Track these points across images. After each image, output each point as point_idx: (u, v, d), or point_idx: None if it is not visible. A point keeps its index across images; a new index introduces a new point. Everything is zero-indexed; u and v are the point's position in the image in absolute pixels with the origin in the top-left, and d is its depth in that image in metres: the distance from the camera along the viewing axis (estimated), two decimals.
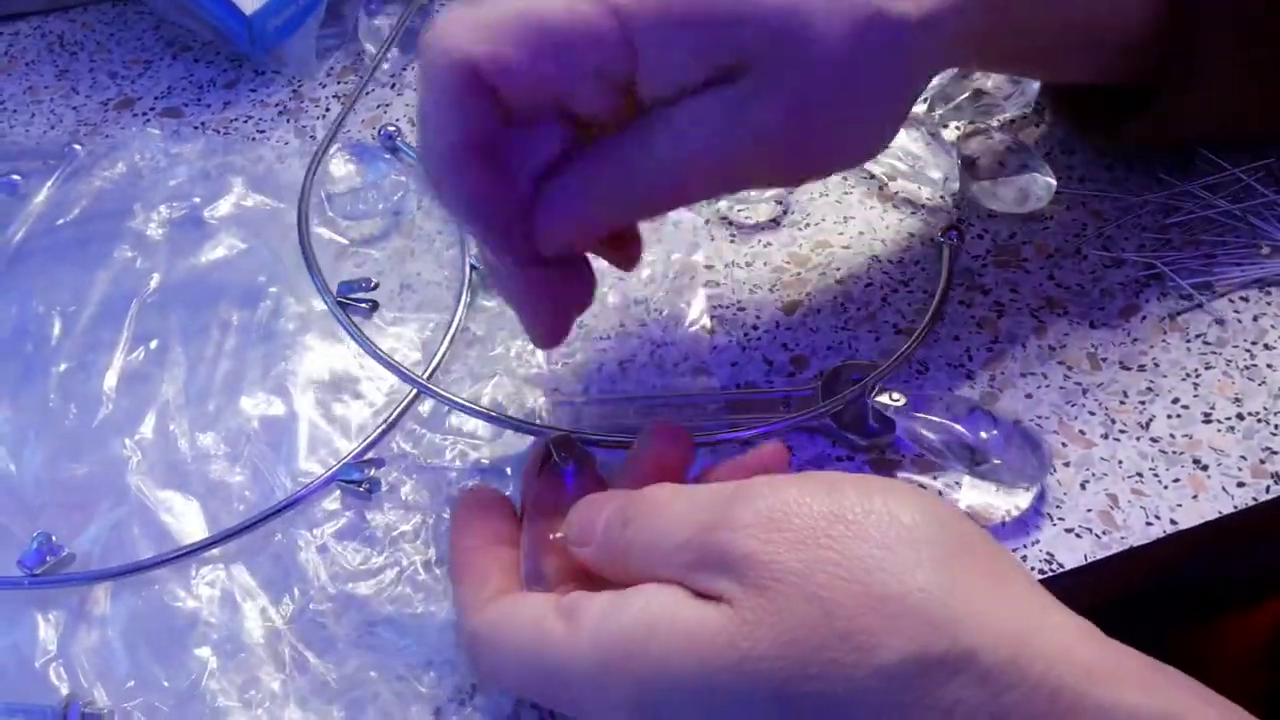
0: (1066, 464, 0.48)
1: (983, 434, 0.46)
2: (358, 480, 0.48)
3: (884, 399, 0.47)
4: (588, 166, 0.41)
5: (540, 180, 0.41)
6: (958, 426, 0.46)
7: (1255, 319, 0.52)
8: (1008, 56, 0.52)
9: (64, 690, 0.43)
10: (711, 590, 0.34)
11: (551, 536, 0.41)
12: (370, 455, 0.49)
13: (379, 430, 0.50)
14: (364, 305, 0.55)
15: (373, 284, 0.55)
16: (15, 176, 0.61)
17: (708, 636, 0.33)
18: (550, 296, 0.43)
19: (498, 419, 0.49)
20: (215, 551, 0.47)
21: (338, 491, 0.48)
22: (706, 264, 0.56)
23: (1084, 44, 0.51)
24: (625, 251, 0.47)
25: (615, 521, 0.38)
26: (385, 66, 0.68)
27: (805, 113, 0.41)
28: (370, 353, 0.51)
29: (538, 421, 0.50)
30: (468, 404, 0.50)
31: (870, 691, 0.31)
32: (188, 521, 0.48)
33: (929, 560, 0.32)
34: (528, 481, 0.45)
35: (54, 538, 0.46)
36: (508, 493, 0.46)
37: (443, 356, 0.52)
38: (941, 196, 0.58)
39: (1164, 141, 0.56)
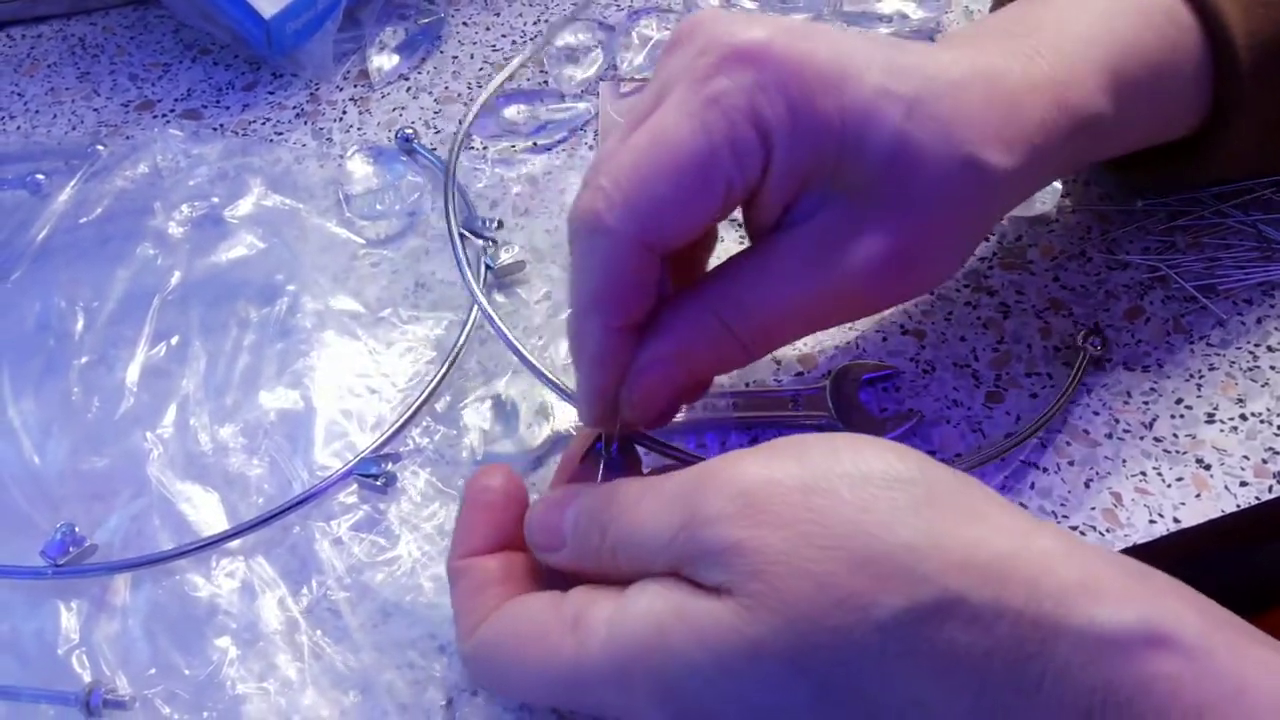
0: (1071, 463, 0.49)
1: None
2: (375, 474, 0.48)
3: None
4: (682, 318, 0.41)
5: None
6: None
7: (1259, 321, 0.53)
8: (1072, 170, 0.58)
9: (86, 678, 0.44)
10: (707, 581, 0.34)
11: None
12: (386, 450, 0.50)
13: (396, 425, 0.50)
14: (480, 241, 0.56)
15: (496, 223, 0.57)
16: (39, 176, 0.62)
17: (714, 629, 0.34)
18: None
19: (558, 385, 0.49)
20: (235, 543, 0.48)
21: (354, 485, 0.49)
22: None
23: (1137, 148, 0.52)
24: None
25: (590, 529, 0.38)
26: (392, 70, 0.69)
27: (904, 248, 0.41)
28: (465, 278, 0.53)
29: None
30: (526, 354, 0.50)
31: (873, 647, 0.32)
32: (207, 513, 0.49)
33: (906, 512, 0.33)
34: (565, 466, 0.45)
35: (77, 528, 0.47)
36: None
37: (459, 351, 0.53)
38: None
39: (1192, 186, 0.57)
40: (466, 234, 0.55)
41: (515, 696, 0.43)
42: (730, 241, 0.58)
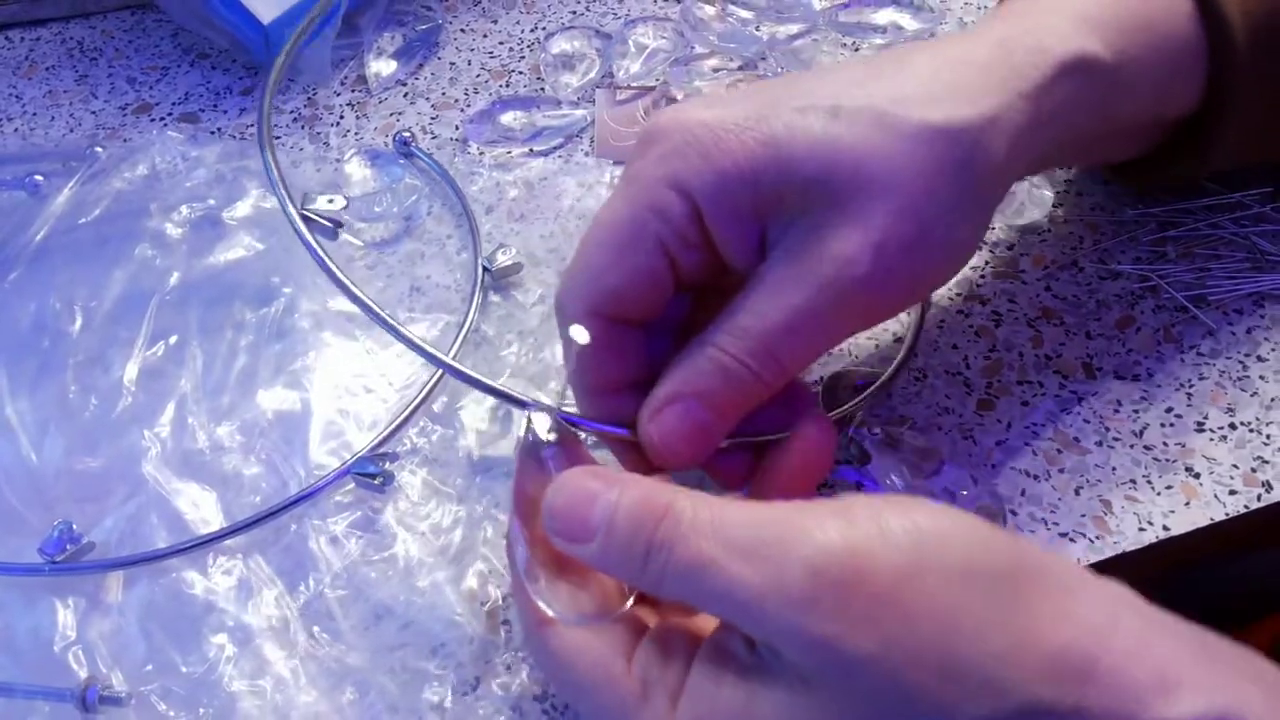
0: (1061, 470, 0.49)
1: (962, 492, 0.48)
2: (373, 474, 0.49)
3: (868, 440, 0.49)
4: (685, 378, 0.42)
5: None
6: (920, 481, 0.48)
7: (1249, 331, 0.53)
8: (1061, 159, 0.56)
9: (82, 674, 0.44)
10: (784, 657, 0.34)
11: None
12: (383, 450, 0.50)
13: (394, 424, 0.51)
14: (329, 224, 0.53)
15: (341, 204, 0.54)
16: (38, 177, 0.62)
17: None
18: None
19: (502, 392, 0.44)
20: (231, 541, 0.48)
21: (351, 484, 0.49)
22: None
23: (1131, 136, 0.52)
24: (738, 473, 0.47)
25: (632, 544, 0.36)
26: (390, 75, 0.70)
27: (882, 229, 0.41)
28: (329, 273, 0.47)
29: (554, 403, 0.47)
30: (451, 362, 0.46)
31: None
32: (204, 511, 0.49)
33: (995, 615, 0.33)
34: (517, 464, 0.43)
35: (74, 526, 0.47)
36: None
37: (455, 352, 0.53)
38: None
39: (1176, 184, 0.58)
40: (308, 214, 0.52)
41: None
42: None
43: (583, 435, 0.44)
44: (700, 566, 0.34)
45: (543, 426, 0.42)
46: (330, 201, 0.54)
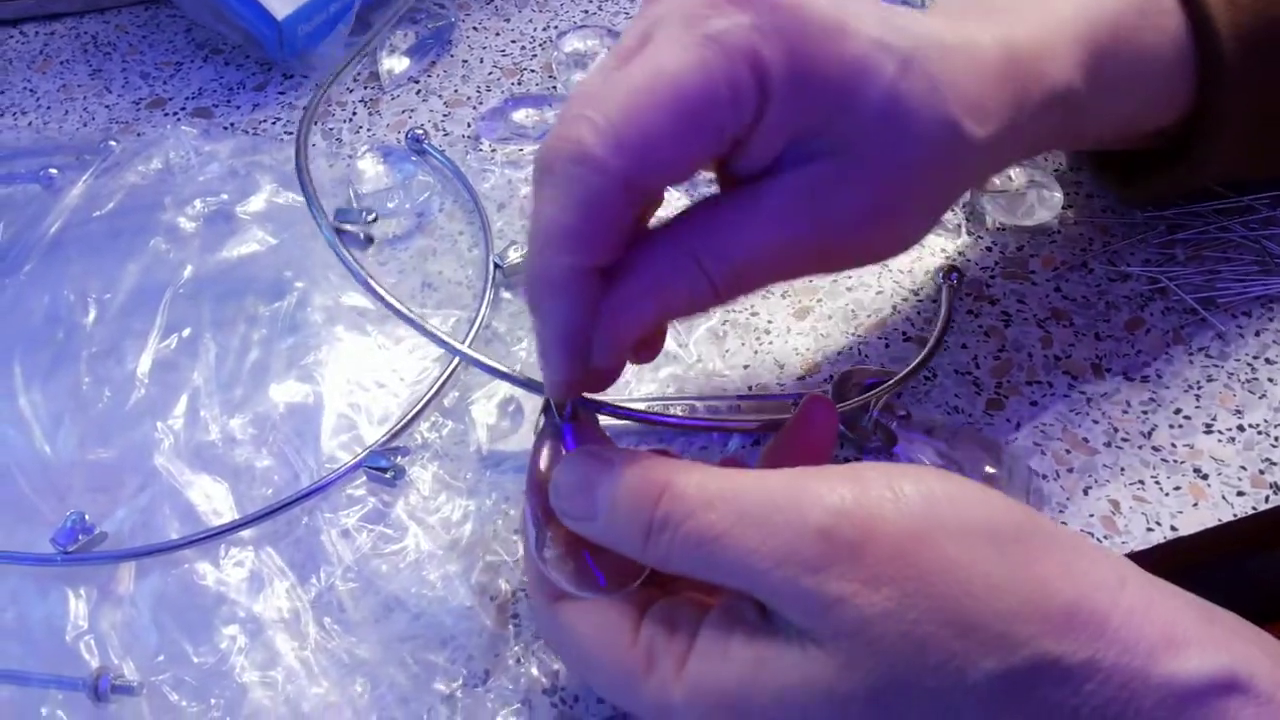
0: (1070, 470, 0.49)
1: (987, 469, 0.47)
2: (385, 467, 0.49)
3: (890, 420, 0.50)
4: (658, 259, 0.39)
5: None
6: (954, 455, 0.48)
7: (1257, 334, 0.54)
8: (1047, 147, 0.57)
9: (94, 664, 0.45)
10: (796, 623, 0.34)
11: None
12: (395, 444, 0.51)
13: (406, 419, 0.51)
14: (361, 236, 0.54)
15: (372, 217, 0.56)
16: (52, 170, 0.62)
17: (806, 689, 0.33)
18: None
19: (519, 379, 0.46)
20: (244, 533, 0.48)
21: (363, 477, 0.50)
22: None
23: (1120, 138, 0.53)
24: (650, 348, 0.44)
25: (636, 517, 0.36)
26: (402, 73, 0.70)
27: (884, 205, 0.41)
28: (364, 283, 0.49)
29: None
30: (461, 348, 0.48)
31: (964, 708, 0.32)
32: (216, 503, 0.49)
33: (1008, 573, 0.33)
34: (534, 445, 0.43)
35: (87, 516, 0.47)
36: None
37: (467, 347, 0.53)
38: (952, 209, 0.59)
39: (1177, 193, 0.58)
40: (341, 227, 0.54)
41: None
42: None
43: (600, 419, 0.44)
44: (711, 539, 0.34)
45: (559, 408, 0.42)
46: (362, 216, 0.57)
